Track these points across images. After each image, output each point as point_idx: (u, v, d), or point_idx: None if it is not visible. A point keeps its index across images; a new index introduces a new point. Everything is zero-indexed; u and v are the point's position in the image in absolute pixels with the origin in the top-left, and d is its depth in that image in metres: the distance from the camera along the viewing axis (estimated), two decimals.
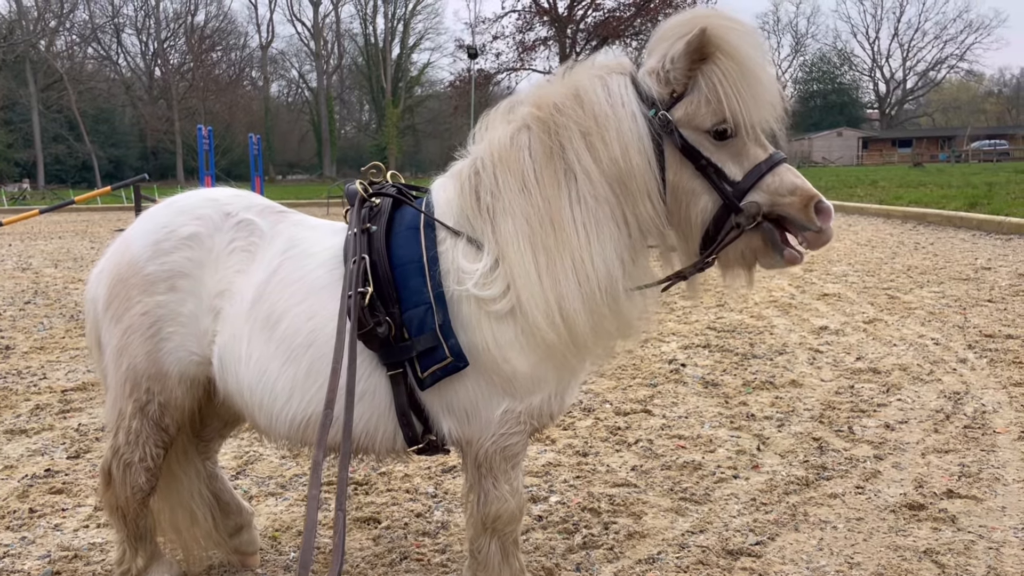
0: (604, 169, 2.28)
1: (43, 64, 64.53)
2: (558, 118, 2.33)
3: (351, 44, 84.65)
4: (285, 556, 3.40)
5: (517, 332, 2.33)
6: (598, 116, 2.29)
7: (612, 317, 2.34)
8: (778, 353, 6.57)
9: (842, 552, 3.33)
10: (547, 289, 2.28)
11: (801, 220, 2.26)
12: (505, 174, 2.37)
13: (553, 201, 2.30)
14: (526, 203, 2.33)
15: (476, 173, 2.44)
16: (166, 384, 2.66)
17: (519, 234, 2.31)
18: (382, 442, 2.51)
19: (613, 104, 2.28)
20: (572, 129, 2.31)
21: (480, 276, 2.33)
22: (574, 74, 2.41)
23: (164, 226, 2.68)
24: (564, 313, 2.27)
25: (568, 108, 2.32)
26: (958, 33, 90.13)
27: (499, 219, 2.35)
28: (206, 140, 23.89)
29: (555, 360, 2.36)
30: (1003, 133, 78.00)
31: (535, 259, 2.29)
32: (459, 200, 2.46)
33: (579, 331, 2.29)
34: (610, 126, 2.27)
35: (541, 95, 2.42)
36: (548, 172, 2.32)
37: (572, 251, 2.28)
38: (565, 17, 57.08)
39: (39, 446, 4.72)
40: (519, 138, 2.39)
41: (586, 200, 2.29)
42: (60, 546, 3.49)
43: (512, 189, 2.35)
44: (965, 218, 15.92)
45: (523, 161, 2.35)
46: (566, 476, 4.17)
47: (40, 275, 12.36)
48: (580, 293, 2.27)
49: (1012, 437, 4.53)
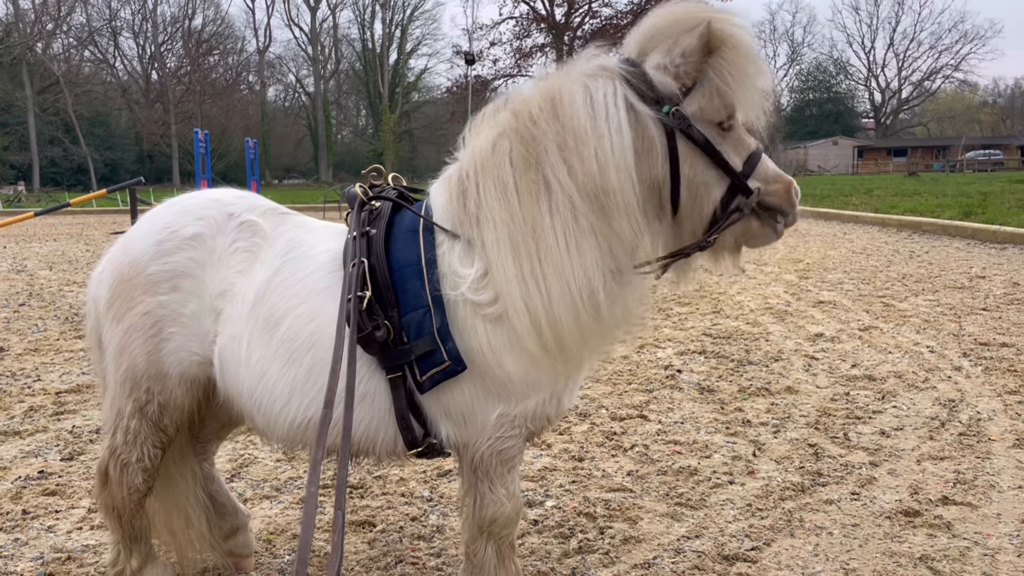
0: (579, 184, 2.24)
1: (40, 67, 64.47)
2: (534, 129, 2.29)
3: (348, 49, 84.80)
4: (280, 559, 3.39)
5: (509, 336, 2.33)
6: (576, 130, 2.24)
7: (595, 326, 2.31)
8: (774, 360, 6.58)
9: (838, 558, 3.34)
10: (530, 297, 2.25)
11: (784, 205, 2.37)
12: (487, 182, 2.35)
13: (532, 211, 2.27)
14: (506, 212, 2.30)
15: (461, 180, 2.43)
16: (166, 384, 2.65)
17: (500, 242, 2.29)
18: (382, 445, 2.50)
19: (595, 116, 2.23)
20: (548, 141, 2.27)
21: (473, 281, 2.32)
22: (555, 78, 2.37)
23: (167, 226, 2.67)
24: (547, 322, 2.25)
25: (543, 119, 2.28)
26: (953, 43, 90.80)
27: (484, 227, 2.33)
28: (202, 144, 23.86)
29: (543, 364, 2.34)
30: (998, 143, 78.44)
31: (517, 268, 2.26)
32: (450, 205, 2.45)
33: (562, 340, 2.27)
34: (588, 142, 2.23)
35: (520, 101, 2.39)
36: (526, 182, 2.28)
37: (553, 260, 2.25)
38: (562, 24, 57.31)
39: (32, 448, 4.70)
40: (500, 145, 2.36)
41: (563, 213, 2.25)
42: (53, 548, 3.47)
43: (493, 196, 2.32)
44: (960, 227, 15.97)
45: (503, 169, 2.32)
46: (562, 481, 4.17)
47: (35, 277, 12.32)
48: (562, 302, 2.25)
49: (1007, 444, 4.55)
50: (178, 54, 77.13)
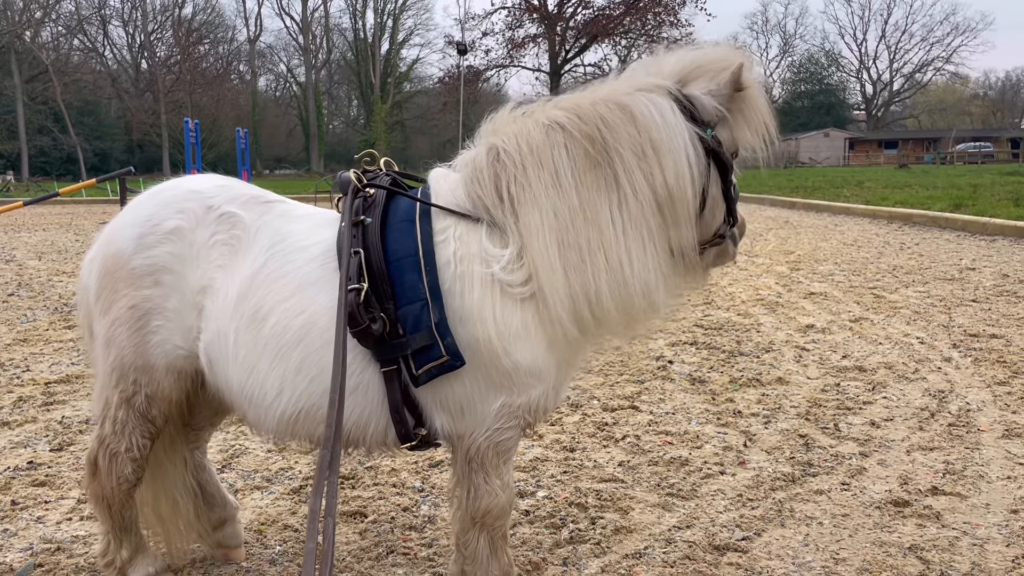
0: (655, 191, 2.38)
1: (28, 55, 63.93)
2: (606, 133, 2.39)
3: (340, 39, 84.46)
4: (271, 550, 3.38)
5: (525, 322, 2.33)
6: (655, 141, 2.38)
7: (644, 321, 2.50)
8: (765, 351, 6.60)
9: (828, 548, 3.35)
10: (574, 285, 2.32)
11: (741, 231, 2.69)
12: (536, 166, 2.39)
13: (593, 204, 2.37)
14: (557, 197, 2.36)
15: (497, 160, 2.43)
16: (153, 376, 2.64)
17: (545, 225, 2.33)
18: (373, 437, 2.49)
19: (670, 131, 2.39)
20: (623, 147, 2.39)
21: (508, 261, 2.34)
22: (617, 88, 2.51)
23: (148, 219, 2.64)
24: (594, 310, 2.34)
25: (619, 126, 2.40)
26: (945, 36, 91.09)
27: (524, 208, 2.36)
28: (193, 134, 23.78)
29: (562, 353, 2.41)
30: (988, 136, 78.66)
31: (560, 253, 2.32)
32: (471, 187, 2.44)
33: (608, 328, 2.43)
34: (667, 153, 2.38)
35: (580, 103, 2.48)
36: (591, 177, 2.38)
37: (607, 251, 2.34)
38: (555, 15, 57.14)
39: (22, 438, 4.67)
40: (553, 136, 2.42)
41: (632, 212, 2.37)
42: (43, 538, 3.45)
43: (543, 181, 2.37)
44: (950, 219, 16.03)
45: (558, 158, 2.39)
46: (553, 471, 4.17)
47: (24, 267, 12.24)
48: (616, 294, 2.35)
49: (996, 435, 4.57)
50: (168, 43, 76.61)
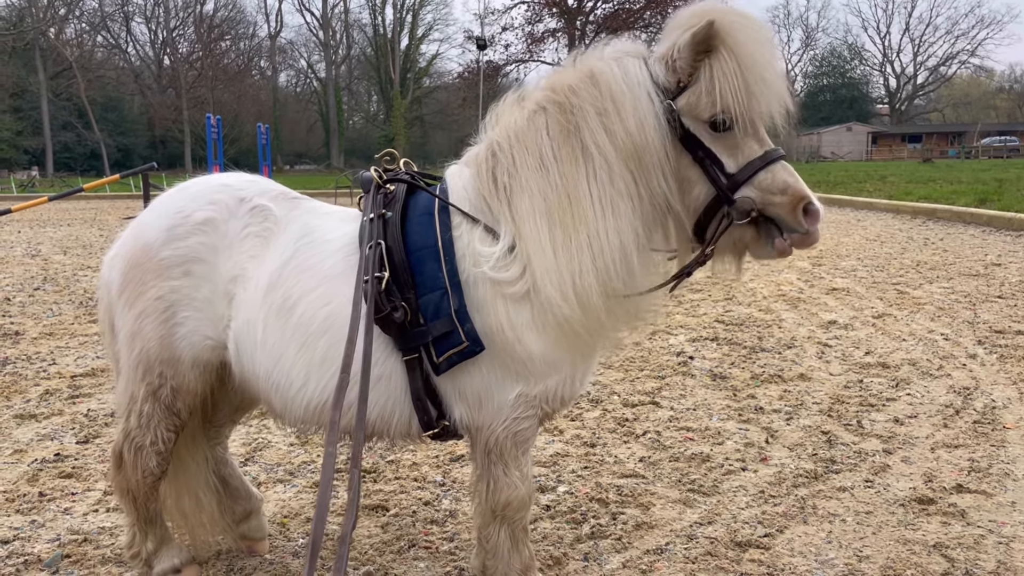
0: (619, 145, 2.30)
1: (52, 52, 64.62)
2: (573, 99, 2.36)
3: (360, 34, 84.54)
4: (294, 543, 3.41)
5: (533, 313, 2.35)
6: (614, 94, 2.31)
7: (625, 290, 2.35)
8: (786, 347, 6.55)
9: (851, 545, 3.33)
10: (562, 264, 2.30)
11: (789, 222, 2.28)
12: (523, 153, 2.40)
13: (570, 177, 2.33)
14: (543, 180, 2.35)
15: (493, 155, 2.46)
16: (179, 369, 2.66)
17: (535, 210, 2.34)
18: (397, 426, 2.52)
19: (629, 83, 2.31)
20: (588, 109, 2.34)
21: (497, 259, 2.35)
22: (587, 58, 2.45)
23: (178, 211, 2.68)
24: (577, 287, 2.29)
25: (583, 89, 2.36)
26: (969, 28, 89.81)
27: (516, 197, 2.38)
28: (214, 129, 23.94)
29: (569, 338, 2.37)
30: (1013, 129, 77.55)
31: (551, 234, 2.32)
32: (476, 183, 2.48)
33: (592, 305, 2.30)
34: (626, 102, 2.30)
35: (556, 79, 2.46)
36: (566, 150, 2.35)
37: (588, 226, 2.30)
38: (574, 9, 56.98)
39: (48, 431, 4.74)
40: (536, 119, 2.42)
41: (601, 177, 2.31)
42: (70, 530, 3.50)
43: (529, 167, 2.38)
44: (975, 214, 15.84)
45: (540, 140, 2.38)
46: (574, 466, 4.17)
47: (49, 262, 12.39)
48: (594, 267, 2.29)
49: (1022, 433, 4.51)
50: (190, 39, 77.17)
